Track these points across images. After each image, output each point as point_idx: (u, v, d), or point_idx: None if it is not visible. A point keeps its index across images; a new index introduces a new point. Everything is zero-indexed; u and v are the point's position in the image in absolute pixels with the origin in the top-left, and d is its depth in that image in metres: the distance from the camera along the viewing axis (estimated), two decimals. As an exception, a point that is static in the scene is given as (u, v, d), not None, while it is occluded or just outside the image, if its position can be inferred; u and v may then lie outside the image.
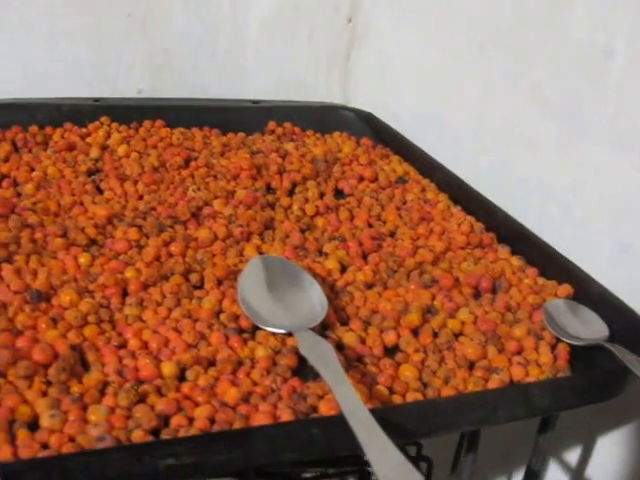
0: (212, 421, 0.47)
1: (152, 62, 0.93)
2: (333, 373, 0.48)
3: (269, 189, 0.77)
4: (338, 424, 0.45)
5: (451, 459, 0.66)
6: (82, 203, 0.70)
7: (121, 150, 0.79)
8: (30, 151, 0.78)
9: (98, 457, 0.42)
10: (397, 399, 0.51)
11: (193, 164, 0.79)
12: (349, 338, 0.55)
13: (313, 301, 0.58)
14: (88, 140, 0.81)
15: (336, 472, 0.67)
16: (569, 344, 0.57)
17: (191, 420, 0.47)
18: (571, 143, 0.69)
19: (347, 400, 0.45)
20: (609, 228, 0.66)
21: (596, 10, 0.65)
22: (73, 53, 0.89)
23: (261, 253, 0.65)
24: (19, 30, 0.86)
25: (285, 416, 0.48)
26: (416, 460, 0.71)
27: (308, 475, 0.66)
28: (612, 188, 0.65)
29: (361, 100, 0.98)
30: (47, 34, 0.87)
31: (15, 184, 0.72)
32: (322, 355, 0.50)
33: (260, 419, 0.47)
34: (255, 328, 0.56)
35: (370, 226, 0.72)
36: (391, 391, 0.52)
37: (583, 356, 0.57)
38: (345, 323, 0.58)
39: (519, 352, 0.56)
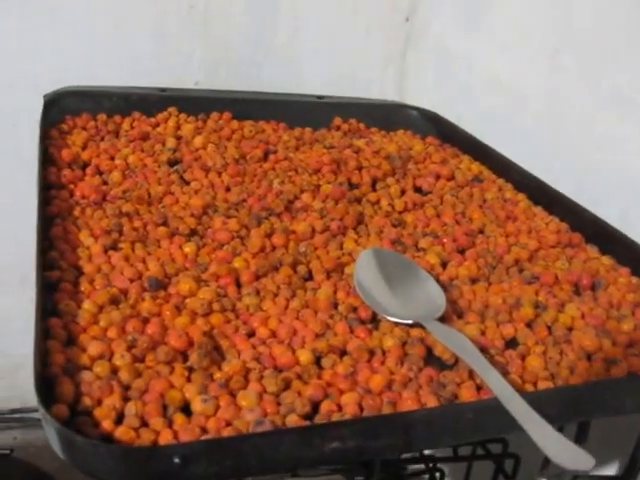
0: (360, 407, 0.50)
1: (211, 54, 0.95)
2: (477, 361, 0.51)
3: (350, 184, 0.79)
4: (489, 409, 0.48)
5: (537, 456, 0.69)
6: (172, 193, 0.72)
7: (197, 141, 0.81)
8: (102, 139, 0.80)
9: (269, 440, 0.44)
10: (529, 387, 0.54)
11: (272, 157, 0.81)
12: (470, 330, 0.58)
13: (431, 293, 0.61)
14: (159, 130, 0.83)
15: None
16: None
17: (339, 406, 0.50)
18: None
19: (499, 386, 0.48)
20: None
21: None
22: (134, 42, 0.91)
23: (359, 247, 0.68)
24: (82, 18, 0.88)
25: (431, 403, 0.50)
26: (502, 457, 0.74)
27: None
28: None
29: (417, 99, 1.01)
30: (110, 22, 0.89)
31: (99, 172, 0.74)
32: (460, 344, 0.53)
33: (407, 406, 0.50)
34: (374, 319, 0.59)
35: (457, 223, 0.75)
36: (522, 380, 0.55)
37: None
38: (459, 316, 0.61)
39: (630, 345, 0.60)
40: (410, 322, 0.57)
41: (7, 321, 1.07)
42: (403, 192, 0.80)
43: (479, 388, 0.52)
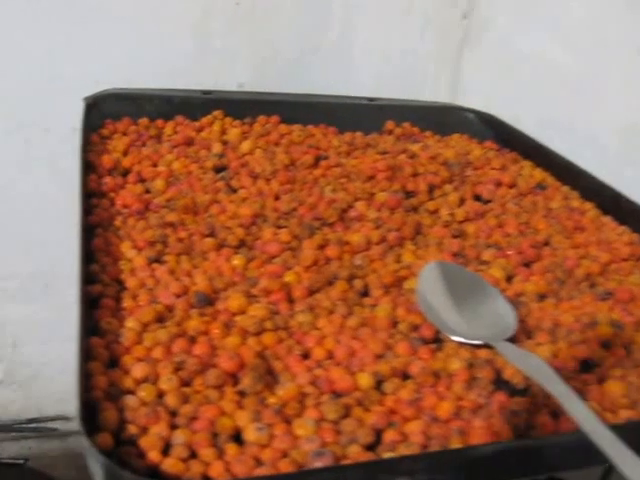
0: (426, 436, 0.46)
1: (256, 54, 0.92)
2: (557, 387, 0.47)
3: (405, 192, 0.76)
4: (573, 441, 0.45)
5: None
6: (218, 201, 0.69)
7: (244, 146, 0.78)
8: (144, 144, 0.77)
9: (332, 475, 0.41)
10: (608, 416, 0.50)
11: (323, 163, 0.78)
12: (542, 352, 0.55)
13: (499, 311, 0.57)
14: (203, 134, 0.81)
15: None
16: None
17: (403, 435, 0.46)
18: None
19: (583, 416, 0.44)
20: None
21: None
22: (176, 41, 0.88)
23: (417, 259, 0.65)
24: (122, 17, 0.86)
25: (504, 432, 0.47)
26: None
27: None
28: None
29: (472, 100, 0.97)
30: (150, 21, 0.87)
31: (141, 179, 0.71)
32: (536, 367, 0.49)
33: (479, 436, 0.46)
34: (437, 338, 0.55)
35: (522, 234, 0.71)
36: (601, 407, 0.51)
37: None
38: (528, 335, 0.57)
39: None
40: (479, 343, 0.54)
41: (27, 330, 1.06)
42: (462, 200, 0.76)
43: (554, 415, 0.49)
